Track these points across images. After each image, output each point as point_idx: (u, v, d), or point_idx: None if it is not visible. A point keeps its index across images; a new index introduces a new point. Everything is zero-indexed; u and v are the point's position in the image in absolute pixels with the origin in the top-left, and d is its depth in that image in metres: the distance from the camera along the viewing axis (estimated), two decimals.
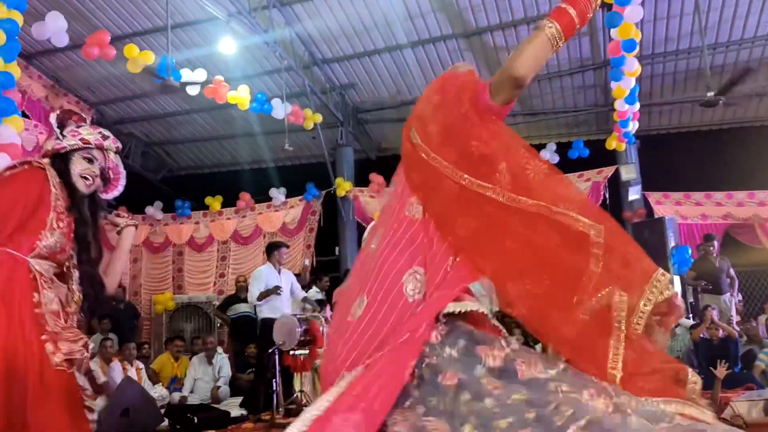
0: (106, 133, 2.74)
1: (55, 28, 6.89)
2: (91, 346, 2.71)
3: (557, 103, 10.78)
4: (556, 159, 10.47)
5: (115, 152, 2.76)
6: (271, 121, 9.92)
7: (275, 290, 6.55)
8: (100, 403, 6.87)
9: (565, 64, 9.86)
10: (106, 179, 2.73)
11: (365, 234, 2.42)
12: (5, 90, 5.61)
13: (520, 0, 8.62)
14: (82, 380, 8.42)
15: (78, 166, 2.62)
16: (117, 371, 7.44)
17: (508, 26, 9.10)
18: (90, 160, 2.65)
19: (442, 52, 9.71)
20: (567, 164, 10.44)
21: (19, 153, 5.68)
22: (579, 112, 10.85)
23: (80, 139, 2.64)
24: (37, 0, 8.12)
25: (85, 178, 2.63)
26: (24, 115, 9.53)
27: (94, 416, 7.33)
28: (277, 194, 11.32)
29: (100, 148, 2.68)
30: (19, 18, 5.71)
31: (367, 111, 11.48)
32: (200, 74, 7.93)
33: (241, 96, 8.72)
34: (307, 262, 9.36)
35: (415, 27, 9.20)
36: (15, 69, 5.73)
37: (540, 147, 10.86)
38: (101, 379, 7.38)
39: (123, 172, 2.80)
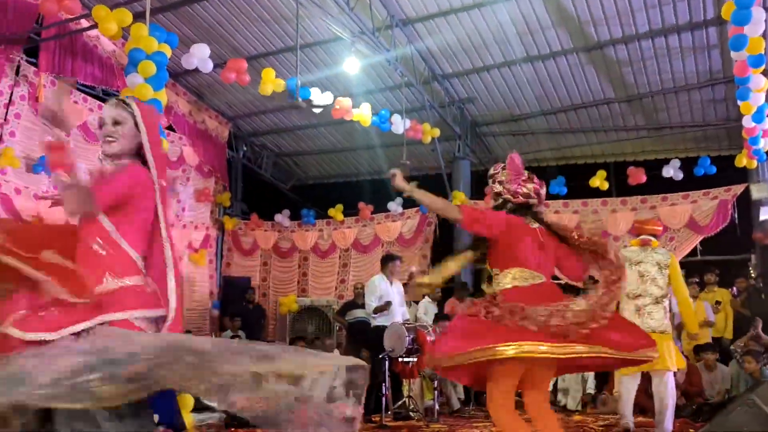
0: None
1: (200, 58, 7.67)
2: None
3: (684, 117, 10.38)
4: (680, 176, 10.08)
5: None
6: (391, 135, 10.32)
7: (387, 306, 6.87)
8: None
9: (693, 77, 9.52)
10: None
11: None
12: None
13: (644, 13, 8.46)
14: None
15: None
16: None
17: (632, 39, 8.94)
18: None
19: (562, 66, 9.68)
20: (692, 181, 10.06)
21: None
22: (707, 127, 10.38)
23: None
24: (181, 22, 9.09)
25: None
26: (170, 128, 10.58)
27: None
28: (395, 205, 11.72)
29: None
30: (168, 51, 6.25)
31: (486, 124, 11.62)
32: (327, 97, 8.51)
33: (364, 114, 9.22)
34: (414, 269, 9.61)
35: (534, 41, 9.23)
36: (163, 96, 6.21)
37: (663, 162, 10.53)
38: None
39: None
